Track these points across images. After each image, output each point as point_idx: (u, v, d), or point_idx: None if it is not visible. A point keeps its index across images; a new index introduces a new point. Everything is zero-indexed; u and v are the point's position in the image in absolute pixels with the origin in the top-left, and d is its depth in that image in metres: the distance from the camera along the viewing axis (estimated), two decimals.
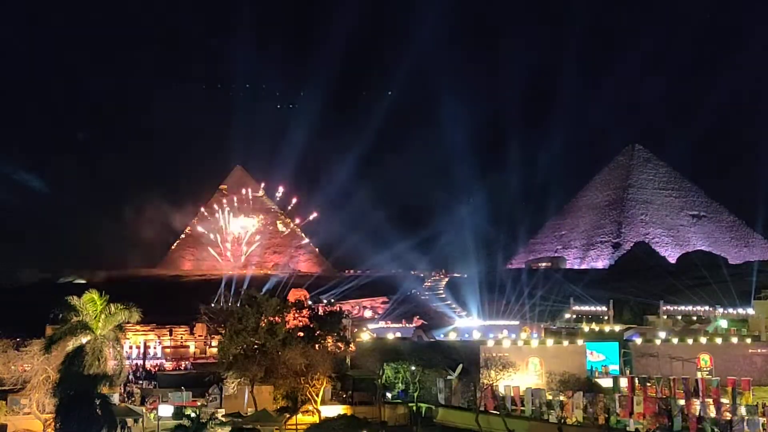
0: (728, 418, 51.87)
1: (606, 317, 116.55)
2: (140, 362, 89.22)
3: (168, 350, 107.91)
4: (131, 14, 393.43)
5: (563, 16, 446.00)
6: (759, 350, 76.99)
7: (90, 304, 46.14)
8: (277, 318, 67.43)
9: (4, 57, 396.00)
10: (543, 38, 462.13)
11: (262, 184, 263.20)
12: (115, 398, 54.70)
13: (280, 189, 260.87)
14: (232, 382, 63.37)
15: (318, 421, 59.99)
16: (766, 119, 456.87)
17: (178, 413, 53.66)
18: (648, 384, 63.32)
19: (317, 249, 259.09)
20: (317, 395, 63.02)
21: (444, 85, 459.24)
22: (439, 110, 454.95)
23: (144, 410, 59.11)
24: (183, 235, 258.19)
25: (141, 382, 75.56)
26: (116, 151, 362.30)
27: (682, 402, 55.12)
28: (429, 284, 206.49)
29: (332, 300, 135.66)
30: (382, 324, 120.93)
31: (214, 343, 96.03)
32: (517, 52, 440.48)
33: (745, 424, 49.67)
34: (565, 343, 74.74)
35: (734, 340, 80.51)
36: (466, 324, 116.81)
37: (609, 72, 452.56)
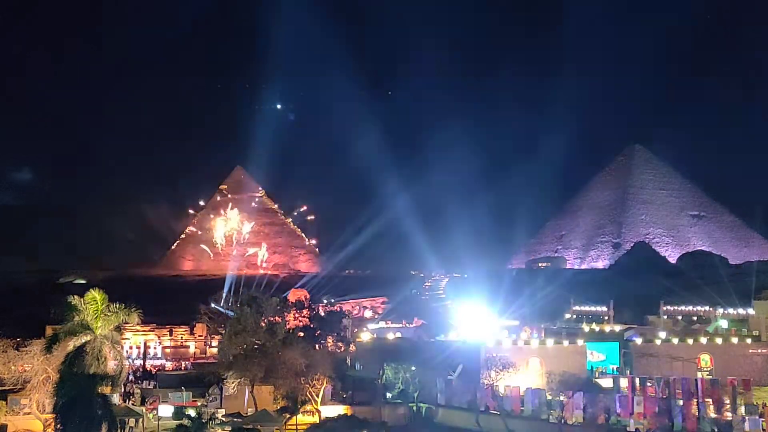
0: (728, 418, 51.86)
1: (606, 317, 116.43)
2: (140, 362, 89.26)
3: (168, 350, 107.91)
4: (132, 14, 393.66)
5: (562, 15, 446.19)
6: (759, 350, 76.99)
7: (91, 303, 46.10)
8: (277, 318, 67.48)
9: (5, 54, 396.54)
10: (543, 38, 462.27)
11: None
12: (115, 398, 54.70)
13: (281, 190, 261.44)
14: (232, 382, 63.32)
15: (318, 422, 60.02)
16: (765, 118, 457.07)
17: (179, 413, 53.78)
18: (648, 384, 63.26)
19: (317, 249, 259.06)
20: (317, 395, 63.02)
21: (444, 84, 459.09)
22: (440, 110, 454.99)
23: (144, 410, 59.12)
24: (183, 235, 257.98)
25: (141, 382, 75.56)
26: (116, 151, 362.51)
27: (681, 402, 55.07)
28: (429, 284, 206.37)
29: (332, 300, 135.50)
30: (382, 324, 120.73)
31: (214, 343, 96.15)
32: (516, 52, 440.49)
33: (745, 424, 49.64)
34: (566, 343, 74.61)
35: (734, 340, 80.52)
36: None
37: (610, 71, 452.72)
